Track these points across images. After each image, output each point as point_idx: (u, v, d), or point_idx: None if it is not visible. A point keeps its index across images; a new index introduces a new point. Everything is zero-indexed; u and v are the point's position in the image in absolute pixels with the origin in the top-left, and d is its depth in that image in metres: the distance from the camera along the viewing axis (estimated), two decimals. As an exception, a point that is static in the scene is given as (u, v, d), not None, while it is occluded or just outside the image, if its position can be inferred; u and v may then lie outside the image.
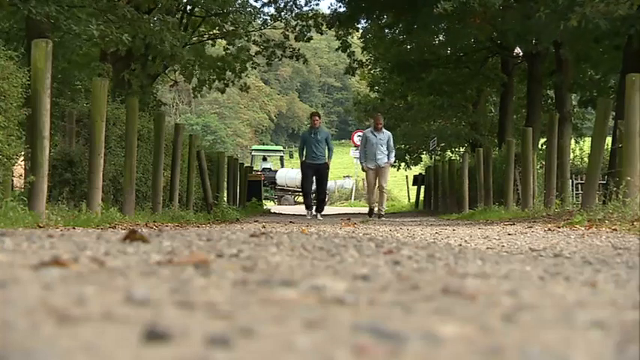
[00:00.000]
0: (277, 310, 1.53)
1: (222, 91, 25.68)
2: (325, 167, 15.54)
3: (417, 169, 35.25)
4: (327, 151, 15.68)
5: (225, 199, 19.34)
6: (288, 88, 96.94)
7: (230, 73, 23.67)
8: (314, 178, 15.75)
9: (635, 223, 6.88)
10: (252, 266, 2.45)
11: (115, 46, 13.78)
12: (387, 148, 15.06)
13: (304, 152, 15.65)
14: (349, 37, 25.84)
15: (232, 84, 24.51)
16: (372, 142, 15.09)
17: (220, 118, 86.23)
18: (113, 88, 15.09)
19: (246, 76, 24.84)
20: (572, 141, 22.76)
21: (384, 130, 15.35)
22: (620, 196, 8.13)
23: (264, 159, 45.88)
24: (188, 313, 1.45)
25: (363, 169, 15.54)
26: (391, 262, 2.89)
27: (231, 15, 22.26)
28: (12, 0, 11.89)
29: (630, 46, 16.43)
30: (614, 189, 8.83)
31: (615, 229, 6.47)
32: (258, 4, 34.56)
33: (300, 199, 45.51)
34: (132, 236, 3.57)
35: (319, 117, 16.13)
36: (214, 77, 23.72)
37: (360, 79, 32.15)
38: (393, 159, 15.33)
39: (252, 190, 25.19)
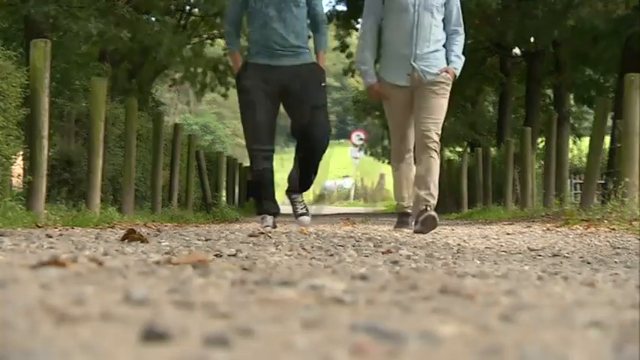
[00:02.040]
0: (276, 309, 1.53)
1: (225, 96, 25.69)
2: (312, 75, 6.49)
3: (415, 169, 35.19)
4: (316, 34, 6.66)
5: (224, 198, 19.34)
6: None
7: (231, 77, 23.71)
8: (277, 110, 6.64)
9: (633, 222, 6.88)
10: (251, 266, 2.46)
11: (114, 45, 13.79)
12: (447, 25, 6.36)
13: (251, 37, 6.51)
14: (348, 37, 25.86)
15: (234, 87, 24.54)
16: (402, 3, 6.25)
17: (219, 118, 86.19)
18: (112, 88, 15.11)
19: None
20: (571, 141, 22.77)
21: None
22: (619, 196, 8.13)
23: None
24: (187, 313, 1.45)
25: (372, 90, 6.48)
26: (390, 262, 2.89)
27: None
28: (10, 0, 11.90)
29: (629, 45, 16.44)
30: (613, 189, 8.83)
31: (614, 229, 6.48)
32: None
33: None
34: (131, 236, 3.57)
35: None
36: (216, 82, 23.76)
37: (360, 76, 32.18)
38: (461, 61, 6.34)
39: (251, 190, 25.12)
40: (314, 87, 6.55)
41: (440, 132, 6.24)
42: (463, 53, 6.49)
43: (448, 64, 6.32)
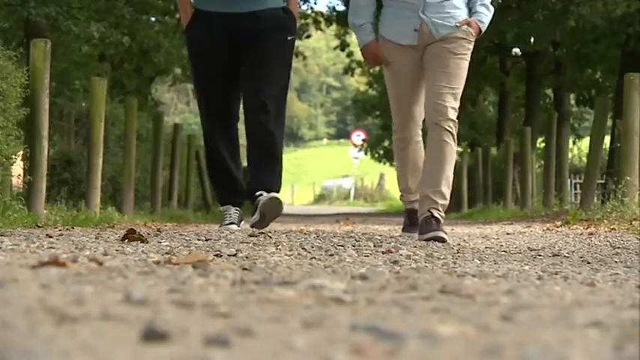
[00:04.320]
0: (276, 309, 1.53)
1: None
2: (278, 24, 5.16)
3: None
4: None
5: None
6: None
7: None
8: (237, 72, 5.20)
9: (633, 222, 6.88)
10: (251, 266, 2.46)
11: (114, 48, 13.82)
12: None
13: None
14: (348, 35, 25.87)
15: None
16: None
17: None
18: (112, 88, 15.13)
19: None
20: (571, 141, 22.79)
21: None
22: (619, 196, 8.13)
23: None
24: (187, 313, 1.45)
25: (369, 51, 4.91)
26: (390, 262, 2.89)
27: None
28: (10, 0, 11.90)
29: (628, 45, 16.44)
30: (613, 188, 8.83)
31: (614, 229, 6.48)
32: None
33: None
34: (130, 236, 3.57)
35: None
36: None
37: (360, 75, 32.21)
38: (489, 13, 4.92)
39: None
40: (278, 41, 5.13)
41: (458, 106, 4.77)
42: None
43: (471, 16, 4.86)
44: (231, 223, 5.26)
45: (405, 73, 4.83)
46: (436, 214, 4.68)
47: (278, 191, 5.20)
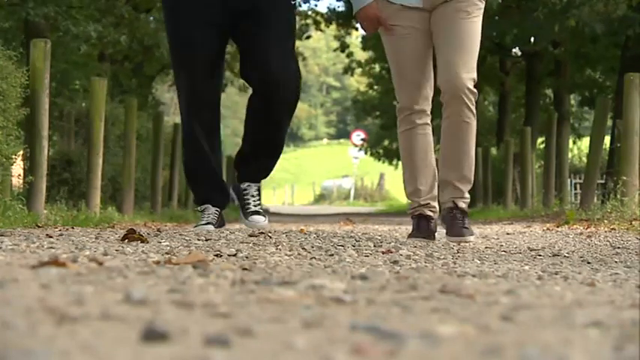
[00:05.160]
0: (276, 309, 1.53)
1: (222, 91, 25.68)
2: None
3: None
4: None
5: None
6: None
7: (230, 72, 23.75)
8: (222, 45, 4.76)
9: (633, 222, 6.88)
10: (251, 266, 2.46)
11: (112, 48, 13.85)
12: None
13: None
14: (348, 36, 25.92)
15: (231, 84, 24.57)
16: None
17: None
18: (112, 88, 15.13)
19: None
20: (571, 141, 22.80)
21: None
22: (619, 196, 8.13)
23: None
24: (187, 313, 1.45)
25: (367, 14, 4.27)
26: (390, 262, 2.89)
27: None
28: (10, 0, 11.92)
29: (628, 46, 16.45)
30: (613, 188, 8.84)
31: (614, 229, 6.48)
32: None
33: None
34: (131, 236, 3.57)
35: None
36: None
37: (360, 75, 32.21)
38: None
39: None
40: (280, 6, 4.47)
41: (475, 74, 4.20)
42: None
43: None
44: (208, 224, 4.70)
45: (411, 37, 4.28)
46: (461, 205, 4.47)
47: (265, 175, 4.92)
